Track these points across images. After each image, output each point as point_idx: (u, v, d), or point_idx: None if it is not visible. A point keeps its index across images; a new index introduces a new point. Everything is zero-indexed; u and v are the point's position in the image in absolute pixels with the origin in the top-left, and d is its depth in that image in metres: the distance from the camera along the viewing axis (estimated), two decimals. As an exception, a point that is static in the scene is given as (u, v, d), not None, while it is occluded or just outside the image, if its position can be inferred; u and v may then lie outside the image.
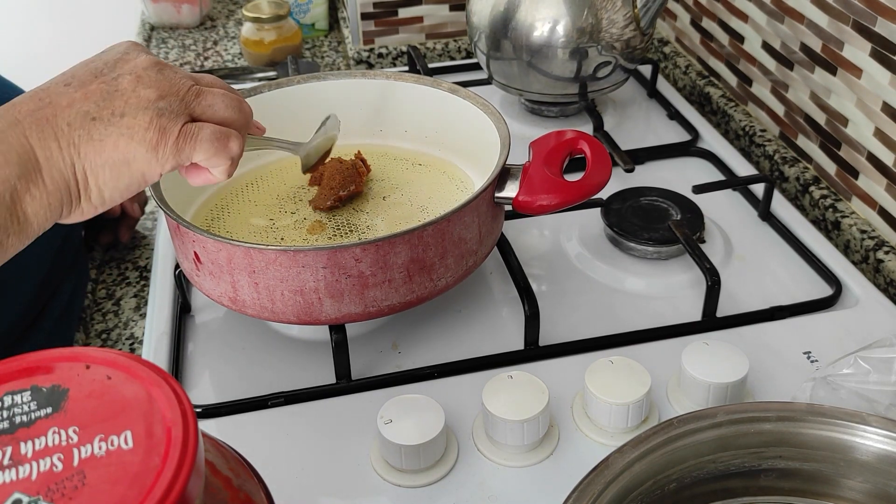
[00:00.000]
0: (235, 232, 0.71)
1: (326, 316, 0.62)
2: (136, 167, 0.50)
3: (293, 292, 0.60)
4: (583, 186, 0.64)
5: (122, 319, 0.77)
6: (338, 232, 0.71)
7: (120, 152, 0.49)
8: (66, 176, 0.48)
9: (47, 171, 0.47)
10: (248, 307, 0.63)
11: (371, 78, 0.80)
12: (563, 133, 0.68)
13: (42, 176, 0.47)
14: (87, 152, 0.48)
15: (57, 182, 0.48)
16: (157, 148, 0.50)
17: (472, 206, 0.63)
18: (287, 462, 0.58)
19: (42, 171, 0.47)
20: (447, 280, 0.64)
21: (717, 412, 0.46)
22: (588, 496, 0.41)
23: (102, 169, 0.49)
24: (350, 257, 0.59)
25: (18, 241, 0.47)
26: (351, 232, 0.71)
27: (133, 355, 0.36)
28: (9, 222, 0.46)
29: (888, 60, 0.76)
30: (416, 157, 0.80)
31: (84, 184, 0.49)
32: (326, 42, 1.32)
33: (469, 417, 0.60)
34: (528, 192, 0.65)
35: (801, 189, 0.89)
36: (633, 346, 0.66)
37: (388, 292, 0.61)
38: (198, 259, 0.62)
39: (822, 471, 0.46)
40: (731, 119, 1.01)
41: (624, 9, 0.88)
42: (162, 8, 1.36)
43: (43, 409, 0.33)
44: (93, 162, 0.49)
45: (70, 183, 0.48)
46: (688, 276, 0.74)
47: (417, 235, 0.60)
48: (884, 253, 0.78)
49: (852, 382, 0.54)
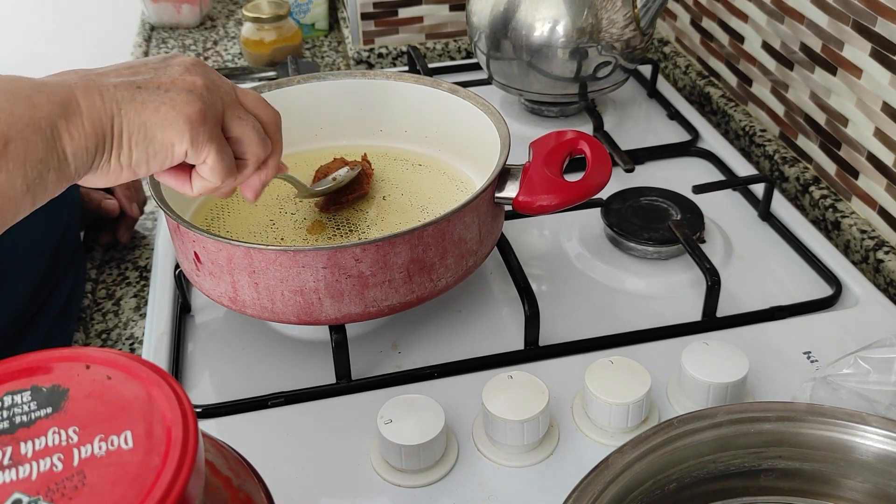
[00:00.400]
0: (235, 232, 0.71)
1: (326, 316, 0.62)
2: (168, 135, 0.52)
3: (293, 292, 0.60)
4: (583, 187, 0.64)
5: (122, 319, 0.77)
6: (338, 232, 0.71)
7: (159, 116, 0.51)
8: (105, 125, 0.50)
9: (88, 115, 0.49)
10: (248, 307, 0.63)
11: (371, 78, 0.80)
12: (564, 133, 0.68)
13: (83, 119, 0.49)
14: (128, 111, 0.50)
15: (96, 128, 0.49)
16: (195, 125, 0.52)
17: (472, 207, 0.63)
18: (287, 462, 0.58)
19: (83, 115, 0.49)
20: (447, 280, 0.64)
21: (717, 412, 0.46)
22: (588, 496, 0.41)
23: (139, 129, 0.51)
24: (350, 257, 0.59)
25: (57, 180, 0.49)
26: (351, 232, 0.71)
27: (133, 355, 0.36)
28: (50, 157, 0.48)
29: (888, 60, 0.76)
30: (417, 158, 0.80)
31: (118, 139, 0.51)
32: (326, 42, 1.32)
33: (469, 417, 0.60)
34: (528, 192, 0.65)
35: (801, 189, 0.89)
36: (633, 346, 0.66)
37: (389, 292, 0.61)
38: (198, 259, 0.62)
39: (822, 471, 0.46)
40: (731, 119, 1.01)
41: (624, 9, 0.88)
42: (162, 8, 1.36)
43: (43, 409, 0.33)
44: (131, 120, 0.50)
45: (107, 133, 0.50)
46: (688, 276, 0.74)
47: (417, 235, 0.60)
48: (884, 253, 0.78)
49: (852, 382, 0.54)
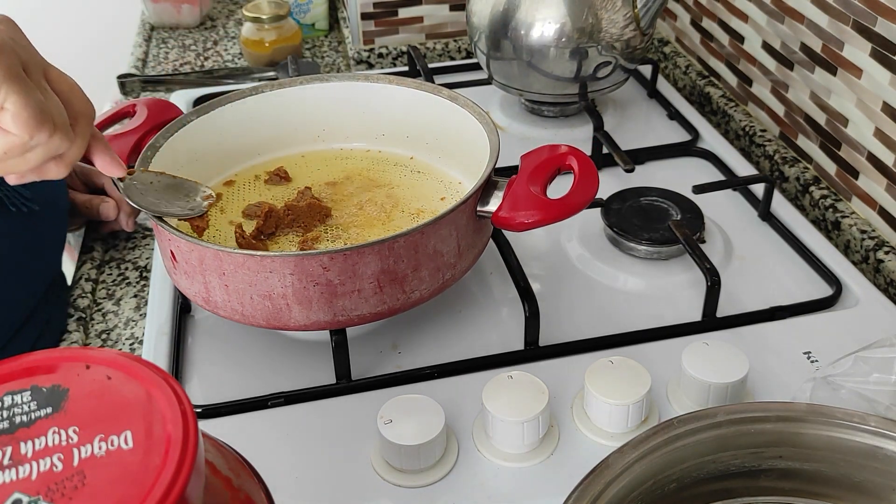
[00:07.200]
0: (223, 230, 0.71)
1: (295, 322, 0.61)
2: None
3: (261, 297, 0.60)
4: (564, 205, 0.63)
5: (122, 319, 0.77)
6: (326, 235, 0.70)
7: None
8: None
9: None
10: (219, 308, 0.63)
11: (374, 82, 0.79)
12: (557, 147, 0.67)
13: None
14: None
15: None
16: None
17: (448, 219, 0.62)
18: (287, 462, 0.58)
19: None
20: (421, 293, 0.63)
21: (717, 412, 0.46)
22: (588, 496, 0.41)
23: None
24: (317, 265, 0.58)
25: None
26: (338, 238, 0.70)
27: (133, 355, 0.36)
28: None
29: (888, 60, 0.76)
30: (415, 165, 0.79)
31: None
32: (326, 42, 1.32)
33: (469, 417, 0.60)
34: (509, 207, 0.63)
35: (802, 189, 0.89)
36: (633, 346, 0.66)
37: (358, 302, 0.61)
38: (174, 258, 0.63)
39: (822, 471, 0.46)
40: (731, 119, 1.01)
41: (624, 9, 0.88)
42: (162, 8, 1.36)
43: (43, 409, 0.33)
44: None
45: None
46: (688, 276, 0.74)
47: (388, 246, 0.59)
48: (884, 253, 0.78)
49: (852, 382, 0.54)
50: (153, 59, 1.27)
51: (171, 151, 0.71)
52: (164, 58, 1.28)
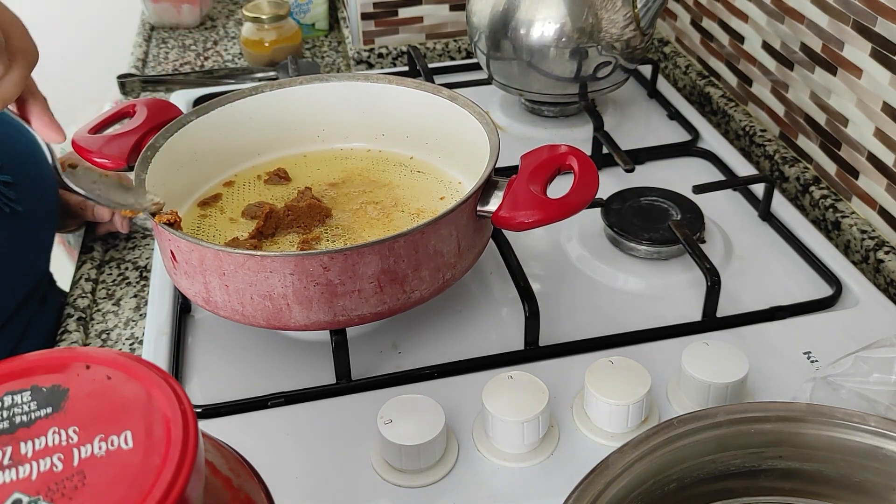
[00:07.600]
0: (223, 230, 0.71)
1: (296, 322, 0.61)
2: None
3: (262, 297, 0.60)
4: (564, 205, 0.62)
5: (121, 319, 0.77)
6: (328, 234, 0.70)
7: None
8: None
9: None
10: (220, 308, 0.63)
11: (374, 82, 0.79)
12: (557, 147, 0.67)
13: None
14: None
15: None
16: None
17: (448, 219, 0.62)
18: (287, 462, 0.58)
19: None
20: (421, 293, 0.63)
21: (717, 412, 0.46)
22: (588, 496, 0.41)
23: None
24: (318, 265, 0.58)
25: None
26: (339, 238, 0.70)
27: (133, 355, 0.36)
28: None
29: (888, 60, 0.76)
30: (416, 165, 0.79)
31: None
32: (326, 42, 1.32)
33: (469, 417, 0.60)
34: (509, 207, 0.63)
35: (802, 189, 0.89)
36: (633, 346, 0.66)
37: (358, 302, 0.61)
38: (174, 258, 0.63)
39: (822, 471, 0.46)
40: (732, 119, 1.01)
41: (624, 9, 0.88)
42: (162, 8, 1.36)
43: (43, 409, 0.33)
44: None
45: None
46: (688, 276, 0.74)
47: (388, 246, 0.59)
48: (884, 253, 0.78)
49: (852, 382, 0.54)
50: (153, 59, 1.27)
51: (171, 151, 0.71)
52: (164, 58, 1.28)
